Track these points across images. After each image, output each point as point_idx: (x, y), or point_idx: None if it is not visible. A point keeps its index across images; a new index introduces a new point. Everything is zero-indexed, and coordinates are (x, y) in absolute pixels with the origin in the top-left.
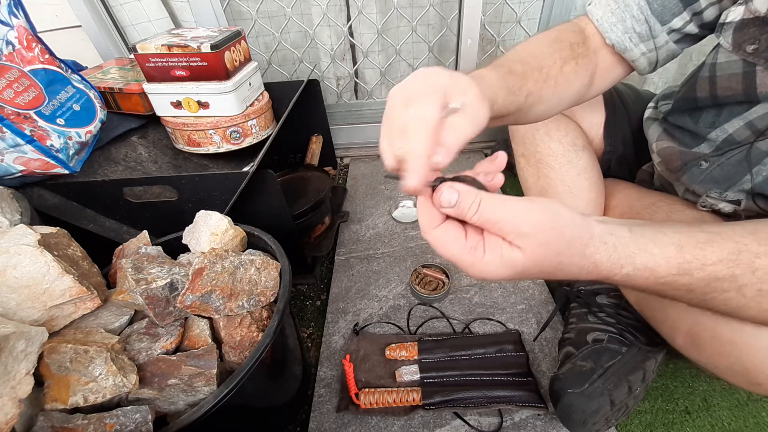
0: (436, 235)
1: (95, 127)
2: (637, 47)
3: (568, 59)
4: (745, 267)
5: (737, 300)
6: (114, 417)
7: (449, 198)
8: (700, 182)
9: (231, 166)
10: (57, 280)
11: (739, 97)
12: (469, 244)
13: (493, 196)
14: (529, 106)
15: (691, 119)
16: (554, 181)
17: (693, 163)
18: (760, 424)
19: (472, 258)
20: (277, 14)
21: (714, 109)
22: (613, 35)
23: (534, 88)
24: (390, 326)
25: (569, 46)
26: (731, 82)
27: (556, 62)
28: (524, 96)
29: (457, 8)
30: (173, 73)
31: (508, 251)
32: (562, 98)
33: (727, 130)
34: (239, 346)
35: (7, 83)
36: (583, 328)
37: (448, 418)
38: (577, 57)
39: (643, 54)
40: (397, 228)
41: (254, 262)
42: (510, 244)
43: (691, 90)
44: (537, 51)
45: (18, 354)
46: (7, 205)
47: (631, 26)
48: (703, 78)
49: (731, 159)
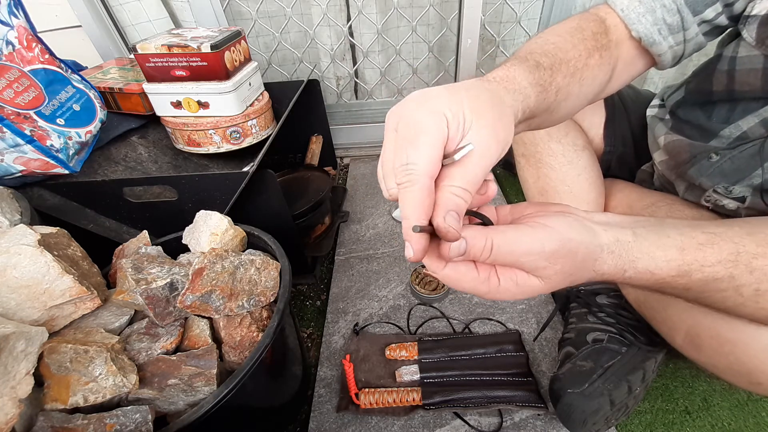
0: (446, 274)
1: (95, 127)
2: (666, 40)
3: (592, 51)
4: (743, 268)
5: (734, 299)
6: (114, 417)
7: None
8: (708, 175)
9: (231, 166)
10: (57, 280)
11: (757, 93)
12: (482, 276)
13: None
14: (557, 105)
15: (704, 113)
16: (554, 181)
17: (702, 155)
18: (760, 424)
19: (488, 287)
20: (277, 14)
21: (728, 104)
22: (641, 27)
23: (563, 83)
24: (390, 326)
25: (592, 36)
26: (750, 77)
27: (581, 54)
28: (554, 93)
29: (457, 8)
30: (173, 73)
31: (524, 279)
32: (586, 94)
33: (741, 127)
34: (239, 346)
35: (7, 83)
36: (583, 328)
37: (448, 418)
38: (601, 49)
39: (671, 47)
40: (397, 228)
41: (254, 262)
42: (526, 273)
43: (706, 82)
44: (560, 42)
45: (18, 354)
46: (7, 205)
47: (661, 17)
48: (721, 71)
49: (744, 153)
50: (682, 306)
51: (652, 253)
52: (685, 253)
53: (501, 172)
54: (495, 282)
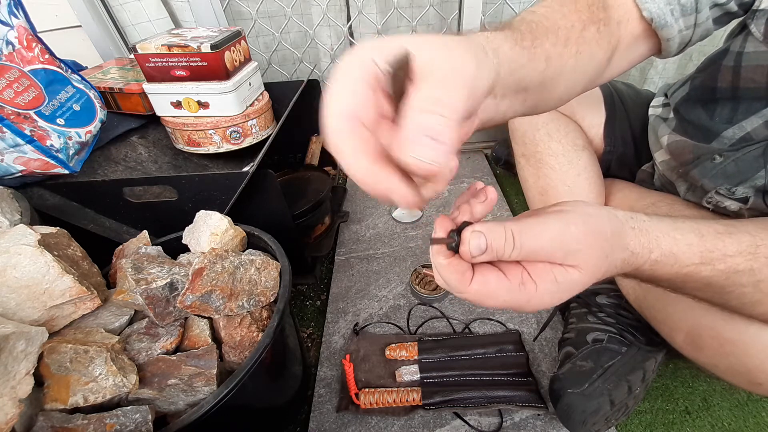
0: (476, 290)
1: (95, 127)
2: (677, 23)
3: (587, 23)
4: (762, 261)
5: (752, 295)
6: (114, 417)
7: (478, 244)
8: (711, 177)
9: (231, 166)
10: (57, 280)
11: (762, 92)
12: (515, 283)
13: (519, 222)
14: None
15: (706, 112)
16: (554, 181)
17: (706, 156)
18: (760, 424)
19: (526, 295)
20: (277, 14)
21: (731, 103)
22: (654, 6)
23: (554, 52)
24: (390, 326)
25: (587, 8)
26: (756, 74)
27: (574, 25)
28: (544, 60)
29: (457, 8)
30: (173, 73)
31: (562, 274)
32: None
33: (745, 128)
34: (239, 346)
35: (7, 83)
36: (583, 328)
37: (448, 418)
38: (598, 22)
39: (680, 31)
40: (397, 228)
41: (254, 262)
42: (562, 266)
43: (710, 78)
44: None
45: (18, 354)
46: (7, 205)
47: None
48: (726, 67)
49: (747, 155)
50: (683, 306)
51: (672, 234)
52: (705, 240)
53: (501, 172)
54: (532, 287)
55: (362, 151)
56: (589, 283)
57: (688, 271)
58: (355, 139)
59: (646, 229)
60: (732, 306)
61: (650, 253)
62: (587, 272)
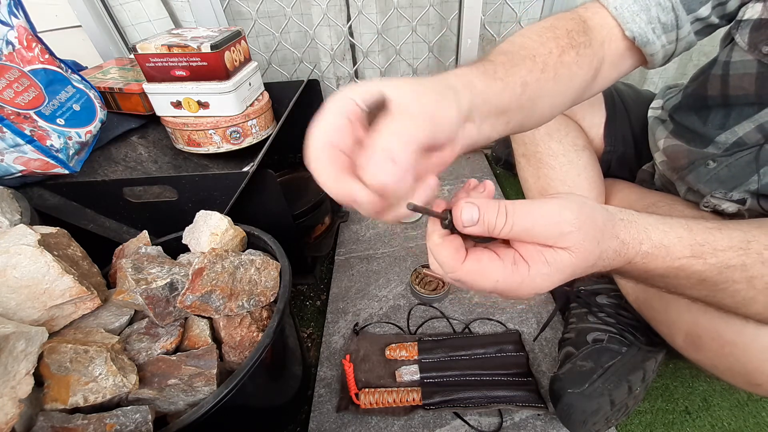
0: (468, 269)
1: (95, 127)
2: (659, 39)
3: (566, 48)
4: (755, 257)
5: (746, 292)
6: (114, 417)
7: (471, 213)
8: (705, 182)
9: (231, 166)
10: (57, 280)
11: (751, 98)
12: (507, 262)
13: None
14: (530, 101)
15: (699, 119)
16: (554, 181)
17: (700, 162)
18: (760, 424)
19: (519, 276)
20: (277, 14)
21: (723, 110)
22: (635, 26)
23: (530, 78)
24: (390, 326)
25: (566, 34)
26: (744, 82)
27: (552, 51)
28: (520, 86)
29: (457, 8)
30: (173, 73)
31: (553, 255)
32: (564, 93)
33: (737, 133)
34: (239, 346)
35: (7, 83)
36: (583, 328)
37: (448, 418)
38: (578, 46)
39: (663, 47)
40: (397, 228)
41: (254, 262)
42: (552, 248)
43: (701, 87)
44: (525, 42)
45: (18, 354)
46: (7, 205)
47: (656, 15)
48: (715, 76)
49: (740, 160)
50: (683, 306)
51: (660, 227)
52: (695, 233)
53: (501, 172)
54: (524, 268)
55: (330, 165)
56: (580, 267)
57: (680, 265)
58: (325, 157)
59: (635, 221)
60: (727, 305)
61: (640, 244)
62: (578, 255)
